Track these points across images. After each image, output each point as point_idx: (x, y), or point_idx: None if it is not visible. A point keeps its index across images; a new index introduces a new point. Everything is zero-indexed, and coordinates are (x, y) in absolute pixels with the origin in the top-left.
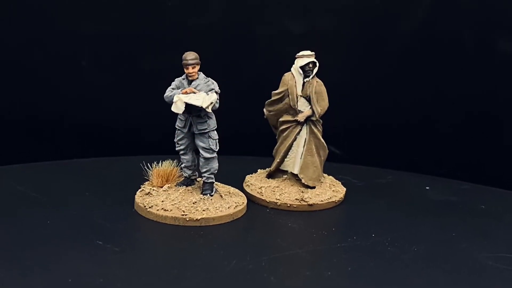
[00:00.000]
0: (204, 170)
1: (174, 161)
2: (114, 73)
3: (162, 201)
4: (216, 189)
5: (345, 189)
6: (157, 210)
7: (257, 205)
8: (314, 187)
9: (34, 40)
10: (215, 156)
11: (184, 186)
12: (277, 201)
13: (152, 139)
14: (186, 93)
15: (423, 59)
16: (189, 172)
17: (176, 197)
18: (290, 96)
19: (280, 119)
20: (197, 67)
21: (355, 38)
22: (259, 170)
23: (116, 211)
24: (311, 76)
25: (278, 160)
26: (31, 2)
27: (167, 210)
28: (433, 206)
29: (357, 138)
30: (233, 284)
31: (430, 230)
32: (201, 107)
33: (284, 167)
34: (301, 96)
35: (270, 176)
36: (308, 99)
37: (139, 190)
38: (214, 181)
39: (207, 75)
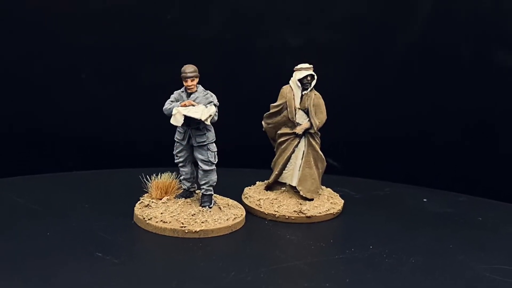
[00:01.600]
0: (203, 182)
1: (173, 174)
2: (114, 86)
3: (161, 213)
4: (214, 201)
5: (343, 201)
6: (156, 222)
7: (256, 217)
8: (312, 199)
9: (34, 53)
10: (214, 168)
11: (183, 198)
12: (276, 213)
13: (151, 151)
14: (185, 105)
15: (421, 72)
16: (188, 184)
17: (175, 209)
18: (288, 108)
19: (279, 132)
20: (196, 80)
21: (353, 51)
22: (257, 182)
23: (116, 223)
24: (309, 89)
25: (276, 172)
26: (31, 14)
27: (166, 222)
28: (430, 218)
29: (355, 151)
30: None
31: (428, 242)
32: (200, 119)
33: (283, 179)
34: (299, 108)
35: (268, 188)
36: (306, 112)
37: (138, 202)
38: (213, 193)
39: (206, 88)
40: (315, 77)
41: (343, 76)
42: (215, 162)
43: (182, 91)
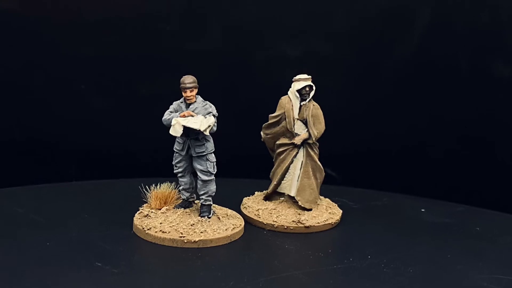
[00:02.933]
0: (202, 192)
1: (172, 184)
2: (113, 97)
3: (160, 223)
4: (213, 211)
5: (341, 211)
6: (155, 232)
7: (254, 227)
8: (310, 209)
9: (34, 64)
10: (213, 178)
11: (182, 208)
12: (274, 223)
13: (150, 161)
14: (184, 116)
15: (419, 84)
16: (187, 194)
17: (174, 219)
18: (287, 119)
19: (277, 142)
20: (195, 91)
21: (352, 63)
22: (256, 193)
23: (115, 233)
24: (307, 100)
25: (275, 183)
26: (31, 25)
27: (165, 232)
28: (428, 228)
29: (353, 161)
30: None
31: (426, 251)
32: (199, 130)
33: (281, 189)
34: (297, 119)
35: (267, 198)
36: (305, 122)
37: (138, 212)
38: (211, 203)
39: (205, 99)
40: (314, 87)
41: (342, 87)
42: (214, 172)
43: (181, 102)
